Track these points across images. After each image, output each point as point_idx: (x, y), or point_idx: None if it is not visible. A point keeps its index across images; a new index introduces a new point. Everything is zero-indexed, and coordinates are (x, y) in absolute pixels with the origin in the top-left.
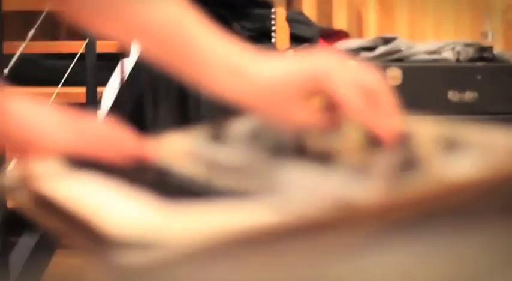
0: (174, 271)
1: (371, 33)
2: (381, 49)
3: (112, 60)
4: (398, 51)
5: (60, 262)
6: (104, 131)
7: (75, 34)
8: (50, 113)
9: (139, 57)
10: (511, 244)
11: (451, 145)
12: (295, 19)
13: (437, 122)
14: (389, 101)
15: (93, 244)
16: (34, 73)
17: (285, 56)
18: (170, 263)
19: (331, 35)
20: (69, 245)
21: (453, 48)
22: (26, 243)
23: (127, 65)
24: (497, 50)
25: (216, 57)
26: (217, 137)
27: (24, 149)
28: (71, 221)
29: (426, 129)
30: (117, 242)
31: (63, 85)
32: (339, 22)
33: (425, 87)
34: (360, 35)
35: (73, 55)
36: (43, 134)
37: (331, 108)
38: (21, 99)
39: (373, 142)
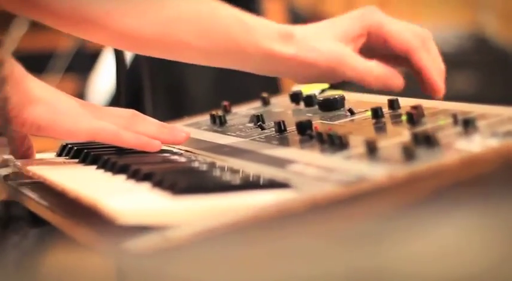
0: (183, 253)
1: None
2: None
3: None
4: None
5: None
6: (130, 117)
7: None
8: (68, 98)
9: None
10: None
11: (465, 119)
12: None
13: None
14: (436, 50)
15: (98, 229)
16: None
17: (330, 19)
18: (180, 246)
19: None
20: (69, 238)
21: (449, 38)
22: (23, 237)
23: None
24: (494, 36)
25: (272, 29)
26: (220, 122)
27: (38, 131)
28: (74, 208)
29: (438, 105)
30: (124, 227)
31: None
32: (331, 4)
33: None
34: None
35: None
36: (65, 118)
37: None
38: (38, 81)
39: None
